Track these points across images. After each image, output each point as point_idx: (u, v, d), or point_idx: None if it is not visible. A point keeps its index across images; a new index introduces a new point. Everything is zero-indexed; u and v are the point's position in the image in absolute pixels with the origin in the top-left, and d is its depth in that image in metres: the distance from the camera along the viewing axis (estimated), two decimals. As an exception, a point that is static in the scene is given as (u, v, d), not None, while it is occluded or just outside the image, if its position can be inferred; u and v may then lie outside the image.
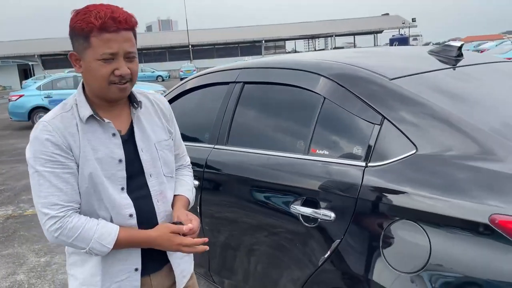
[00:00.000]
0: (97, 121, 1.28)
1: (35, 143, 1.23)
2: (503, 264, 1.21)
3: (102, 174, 1.25)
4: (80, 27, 1.19)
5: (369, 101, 1.66)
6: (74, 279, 1.37)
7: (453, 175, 1.37)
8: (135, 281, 1.34)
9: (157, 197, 1.36)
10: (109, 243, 1.24)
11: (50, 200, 1.21)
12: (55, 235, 1.22)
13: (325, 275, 1.68)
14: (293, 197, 1.80)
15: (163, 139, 1.40)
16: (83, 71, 1.26)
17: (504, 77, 1.99)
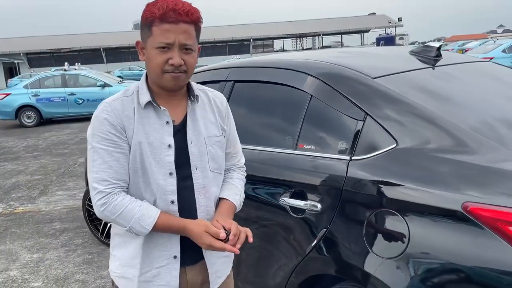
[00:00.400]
0: (153, 108, 1.34)
1: (95, 121, 1.31)
2: (474, 247, 1.32)
3: (151, 158, 1.31)
4: (146, 16, 1.26)
5: (353, 98, 1.76)
6: (116, 259, 1.42)
7: (430, 167, 1.48)
8: (174, 270, 1.36)
9: (200, 190, 1.38)
10: (148, 225, 1.28)
11: (101, 176, 1.27)
12: (101, 209, 1.28)
13: (312, 263, 1.79)
14: (282, 190, 1.90)
15: (214, 135, 1.42)
16: (145, 59, 1.32)
17: (479, 75, 2.12)
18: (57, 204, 5.17)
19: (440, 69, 2.06)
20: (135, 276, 1.36)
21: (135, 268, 1.36)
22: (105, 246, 3.82)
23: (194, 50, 1.31)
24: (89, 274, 3.33)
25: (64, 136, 10.46)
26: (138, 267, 1.36)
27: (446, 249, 1.38)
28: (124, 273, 1.39)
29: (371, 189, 1.58)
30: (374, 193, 1.57)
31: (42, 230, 4.35)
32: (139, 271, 1.36)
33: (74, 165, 7.24)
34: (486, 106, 1.81)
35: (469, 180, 1.38)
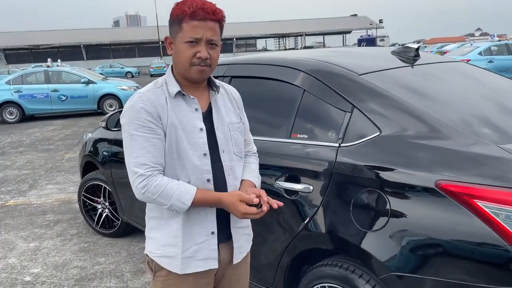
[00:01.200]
0: (182, 97, 1.47)
1: (131, 110, 1.41)
2: (445, 219, 1.55)
3: (186, 141, 1.43)
4: (176, 14, 1.39)
5: (342, 92, 1.98)
6: (154, 241, 1.52)
7: (408, 152, 1.71)
8: (213, 245, 1.49)
9: (228, 171, 1.52)
10: (188, 200, 1.39)
11: (140, 160, 1.39)
12: (142, 191, 1.39)
13: (305, 239, 2.00)
14: (277, 174, 2.10)
15: (235, 122, 1.58)
16: (173, 52, 1.45)
17: (452, 73, 2.37)
18: (48, 197, 5.26)
19: (418, 67, 2.30)
20: (178, 253, 1.47)
21: (177, 247, 1.47)
22: (100, 236, 3.96)
23: (218, 46, 1.46)
24: (86, 261, 3.48)
25: (49, 132, 10.45)
26: (180, 245, 1.46)
27: (422, 222, 1.61)
28: (166, 252, 1.49)
29: (358, 171, 1.80)
30: (360, 175, 1.79)
31: (36, 221, 4.46)
32: (181, 248, 1.47)
33: (61, 160, 7.29)
34: (457, 99, 2.05)
35: (441, 162, 1.61)
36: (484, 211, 1.46)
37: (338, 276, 1.85)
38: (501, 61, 13.60)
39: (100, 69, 36.27)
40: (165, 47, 1.50)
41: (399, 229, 1.66)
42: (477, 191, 1.48)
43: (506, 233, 1.43)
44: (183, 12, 1.38)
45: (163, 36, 1.55)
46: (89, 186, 3.92)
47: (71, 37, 54.89)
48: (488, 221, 1.46)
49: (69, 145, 8.56)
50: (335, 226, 1.87)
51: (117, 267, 3.34)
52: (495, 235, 1.44)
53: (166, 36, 1.48)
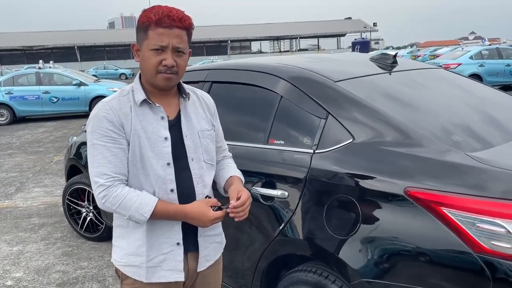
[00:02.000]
0: (149, 105, 1.45)
1: (94, 119, 1.40)
2: (413, 225, 1.56)
3: (149, 150, 1.42)
4: (142, 21, 1.39)
5: (317, 99, 2.00)
6: (120, 250, 1.51)
7: (380, 158, 1.72)
8: (179, 256, 1.48)
9: (197, 179, 1.51)
10: (146, 212, 1.38)
11: (101, 170, 1.38)
12: (102, 201, 1.39)
13: (280, 245, 2.00)
14: (254, 180, 2.11)
15: (206, 129, 1.56)
16: (140, 60, 1.44)
17: (429, 80, 2.39)
18: (34, 200, 5.24)
19: (395, 74, 2.32)
20: (142, 263, 1.46)
21: (142, 256, 1.46)
22: (84, 240, 3.95)
23: (186, 54, 1.44)
24: (69, 265, 3.46)
25: (39, 134, 10.40)
26: (144, 254, 1.46)
27: (391, 228, 1.62)
28: (131, 261, 1.48)
29: (331, 177, 1.81)
30: (333, 181, 1.80)
31: (21, 224, 4.44)
32: (146, 258, 1.46)
33: (50, 163, 7.26)
34: (432, 106, 2.07)
35: (411, 169, 1.63)
36: (451, 218, 1.48)
37: (312, 282, 1.86)
38: (492, 65, 13.71)
39: (94, 71, 36.16)
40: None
41: (369, 236, 1.67)
42: (444, 198, 1.50)
43: (471, 240, 1.44)
44: (149, 19, 1.37)
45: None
46: (73, 189, 3.90)
47: (65, 38, 54.70)
48: (454, 228, 1.47)
49: (59, 148, 8.52)
50: (309, 232, 1.88)
51: (100, 271, 3.33)
52: (461, 242, 1.46)
53: (133, 43, 1.47)
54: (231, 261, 2.29)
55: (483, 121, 2.07)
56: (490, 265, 1.41)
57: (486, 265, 1.41)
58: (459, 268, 1.47)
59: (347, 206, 1.74)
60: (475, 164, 1.54)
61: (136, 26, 1.44)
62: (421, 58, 25.21)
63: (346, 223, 1.74)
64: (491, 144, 1.79)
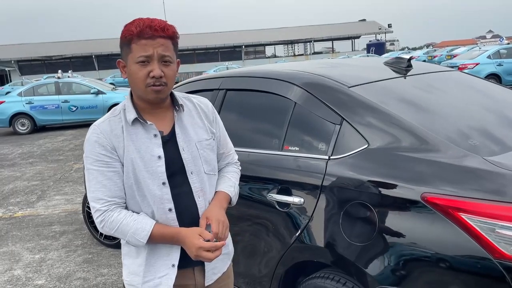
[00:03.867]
0: (140, 123, 1.41)
1: (86, 144, 1.40)
2: (431, 232, 1.55)
3: (144, 170, 1.39)
4: (124, 35, 1.36)
5: (331, 105, 2.00)
6: (126, 267, 1.51)
7: (396, 164, 1.71)
8: (170, 280, 1.44)
9: (198, 193, 1.46)
10: (143, 238, 1.37)
11: (96, 195, 1.37)
12: (100, 226, 1.38)
13: (297, 252, 2.01)
14: (270, 187, 2.12)
15: (204, 139, 1.51)
16: (127, 76, 1.40)
17: (445, 83, 2.36)
18: (55, 208, 5.34)
19: (410, 78, 2.31)
20: (139, 283, 1.45)
21: (139, 276, 1.45)
22: (104, 247, 4.01)
23: (173, 63, 1.39)
24: (90, 272, 3.52)
25: (59, 143, 10.61)
26: (141, 275, 1.44)
27: (408, 235, 1.61)
28: (131, 280, 1.48)
29: (346, 184, 1.81)
30: (349, 187, 1.80)
31: (42, 232, 4.53)
32: (142, 279, 1.44)
33: (70, 171, 7.40)
34: (448, 110, 2.04)
35: (428, 175, 1.61)
36: (469, 224, 1.46)
37: (330, 289, 1.85)
38: (510, 64, 13.45)
39: (111, 79, 36.68)
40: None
41: (386, 242, 1.66)
42: (462, 204, 1.48)
43: (490, 246, 1.42)
44: (130, 33, 1.34)
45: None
46: (92, 197, 3.97)
47: (83, 47, 55.71)
48: (473, 234, 1.46)
49: (79, 156, 8.67)
50: (326, 238, 1.87)
51: (119, 278, 3.38)
52: (480, 248, 1.44)
53: (118, 60, 1.43)
54: (249, 267, 2.30)
55: (501, 124, 2.04)
56: (511, 271, 1.39)
57: (507, 271, 1.39)
58: (479, 275, 1.45)
59: (363, 212, 1.74)
60: (493, 168, 1.52)
61: (120, 42, 1.40)
62: (437, 59, 24.88)
63: (363, 230, 1.73)
64: (510, 147, 1.76)
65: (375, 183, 1.72)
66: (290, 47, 69.18)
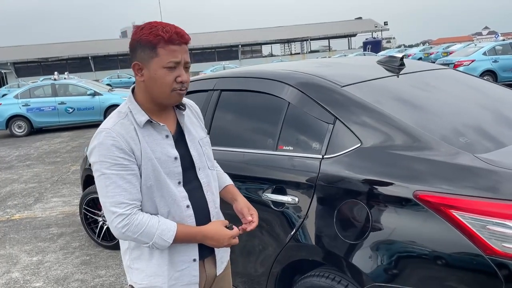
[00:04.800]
0: (151, 125, 1.42)
1: (101, 148, 1.35)
2: (423, 229, 1.57)
3: (162, 172, 1.41)
4: (147, 39, 1.35)
5: (324, 104, 2.01)
6: (140, 272, 1.49)
7: (388, 162, 1.73)
8: (194, 271, 1.50)
9: (206, 188, 1.53)
10: (170, 238, 1.38)
11: (118, 199, 1.35)
12: (123, 231, 1.36)
13: (292, 250, 2.02)
14: (265, 186, 2.13)
15: (203, 137, 1.59)
16: (145, 79, 1.39)
17: (437, 81, 2.38)
18: (53, 210, 5.34)
19: (403, 76, 2.32)
20: (164, 283, 1.46)
21: (163, 276, 1.46)
22: (102, 248, 4.02)
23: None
24: (87, 274, 3.53)
25: (56, 145, 10.59)
26: (166, 274, 1.46)
27: (401, 232, 1.62)
28: (152, 282, 1.47)
29: (340, 182, 1.82)
30: (342, 185, 1.81)
31: (40, 235, 4.53)
32: (167, 277, 1.46)
33: (67, 172, 7.39)
34: (440, 108, 2.06)
35: (420, 172, 1.63)
36: (461, 221, 1.48)
37: (325, 287, 1.87)
38: (506, 60, 13.49)
39: (108, 80, 36.64)
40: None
41: (380, 240, 1.68)
42: (454, 201, 1.50)
43: (482, 243, 1.44)
44: (158, 37, 1.35)
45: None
46: (89, 199, 3.98)
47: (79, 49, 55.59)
48: (465, 231, 1.47)
49: (76, 157, 8.66)
50: (320, 237, 1.89)
51: (117, 279, 3.38)
52: (472, 245, 1.46)
53: (135, 62, 1.40)
54: (245, 266, 2.32)
55: (494, 121, 2.06)
56: (502, 267, 1.40)
57: (498, 267, 1.41)
58: (471, 271, 1.47)
59: (357, 210, 1.75)
60: (484, 165, 1.54)
61: (136, 43, 1.39)
62: (434, 56, 24.95)
63: (356, 228, 1.75)
64: (502, 144, 1.77)
65: (368, 182, 1.73)
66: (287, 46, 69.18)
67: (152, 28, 1.37)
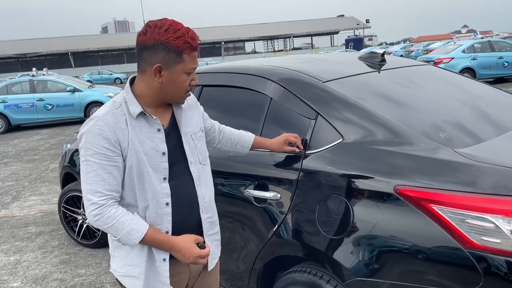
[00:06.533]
0: (144, 117, 1.43)
1: (87, 135, 1.37)
2: (405, 224, 1.57)
3: (148, 165, 1.42)
4: (176, 44, 1.35)
5: (306, 100, 2.01)
6: (120, 260, 1.51)
7: (369, 157, 1.73)
8: (164, 272, 1.49)
9: (197, 182, 1.54)
10: (136, 238, 1.39)
11: (95, 188, 1.36)
12: (94, 219, 1.37)
13: (274, 246, 2.01)
14: (247, 183, 2.11)
15: (197, 131, 1.59)
16: (163, 80, 1.40)
17: (417, 77, 2.40)
18: (31, 209, 5.23)
19: (384, 72, 2.33)
20: (141, 274, 1.48)
21: (141, 267, 1.47)
22: (82, 247, 3.95)
23: None
24: (67, 273, 3.46)
25: (34, 142, 10.37)
26: (144, 265, 1.47)
27: (383, 227, 1.63)
28: (130, 272, 1.49)
29: (322, 178, 1.82)
30: (324, 181, 1.81)
31: (17, 234, 4.43)
32: (144, 268, 1.47)
33: (46, 170, 7.25)
34: (420, 103, 2.08)
35: (400, 167, 1.64)
36: (440, 215, 1.49)
37: (307, 282, 1.87)
38: (484, 58, 13.74)
39: (89, 76, 36.08)
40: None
41: (362, 235, 1.68)
42: (433, 195, 1.51)
43: (461, 236, 1.45)
44: (186, 44, 1.37)
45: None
46: (68, 197, 3.90)
47: (59, 44, 54.56)
48: (444, 225, 1.48)
49: (55, 155, 8.50)
50: (302, 232, 1.88)
51: (97, 278, 3.33)
52: (451, 238, 1.47)
53: (158, 64, 1.37)
54: (228, 263, 2.30)
55: (472, 117, 2.09)
56: (481, 260, 1.42)
57: (477, 260, 1.42)
58: (451, 264, 1.48)
59: (338, 205, 1.75)
60: (463, 160, 1.55)
61: (161, 46, 1.36)
62: (414, 53, 25.27)
63: (338, 223, 1.75)
64: (481, 139, 1.80)
65: (349, 177, 1.73)
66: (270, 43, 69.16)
67: (176, 32, 1.37)
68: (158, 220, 1.46)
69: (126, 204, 1.45)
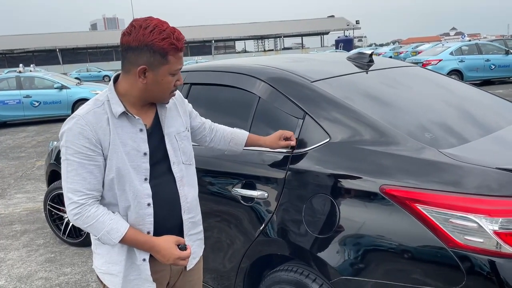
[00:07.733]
0: (127, 117, 1.41)
1: (68, 134, 1.35)
2: (390, 224, 1.59)
3: (129, 165, 1.40)
4: (161, 46, 1.33)
5: (294, 99, 2.01)
6: (101, 257, 1.51)
7: (356, 157, 1.74)
8: (146, 270, 1.49)
9: (180, 182, 1.53)
10: (116, 238, 1.39)
11: (75, 187, 1.36)
12: (74, 218, 1.37)
13: (261, 245, 2.01)
14: (234, 181, 2.11)
15: (182, 131, 1.57)
16: (148, 82, 1.38)
17: (405, 77, 2.42)
18: (16, 207, 5.16)
19: (372, 73, 2.35)
20: (120, 272, 1.48)
21: (120, 265, 1.47)
22: (67, 245, 3.90)
23: None
24: (52, 272, 3.42)
25: (21, 139, 10.23)
26: (123, 264, 1.47)
27: (368, 226, 1.64)
28: (109, 269, 1.49)
29: (309, 177, 1.83)
30: (311, 180, 1.81)
31: (2, 232, 4.36)
32: (123, 267, 1.47)
33: (32, 168, 7.16)
34: (407, 104, 2.09)
35: (386, 167, 1.65)
36: (425, 215, 1.50)
37: (293, 281, 1.87)
38: (471, 60, 13.93)
39: (77, 73, 35.70)
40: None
41: (347, 234, 1.69)
42: (418, 195, 1.52)
43: (445, 236, 1.47)
44: (172, 46, 1.34)
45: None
46: (54, 195, 3.86)
47: (47, 41, 53.89)
48: (428, 224, 1.50)
49: (41, 152, 8.39)
50: (289, 231, 1.89)
51: (83, 277, 3.30)
52: (435, 238, 1.48)
53: (143, 66, 1.35)
54: (214, 262, 2.29)
55: (458, 118, 2.11)
56: (464, 259, 1.44)
57: (460, 259, 1.44)
58: (435, 263, 1.50)
59: (325, 205, 1.76)
60: (448, 160, 1.57)
61: (145, 47, 1.33)
62: (403, 55, 25.50)
63: (324, 222, 1.75)
64: (466, 139, 1.82)
65: (336, 176, 1.74)
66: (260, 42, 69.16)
67: (162, 33, 1.33)
68: (139, 220, 1.45)
69: (107, 203, 1.45)
